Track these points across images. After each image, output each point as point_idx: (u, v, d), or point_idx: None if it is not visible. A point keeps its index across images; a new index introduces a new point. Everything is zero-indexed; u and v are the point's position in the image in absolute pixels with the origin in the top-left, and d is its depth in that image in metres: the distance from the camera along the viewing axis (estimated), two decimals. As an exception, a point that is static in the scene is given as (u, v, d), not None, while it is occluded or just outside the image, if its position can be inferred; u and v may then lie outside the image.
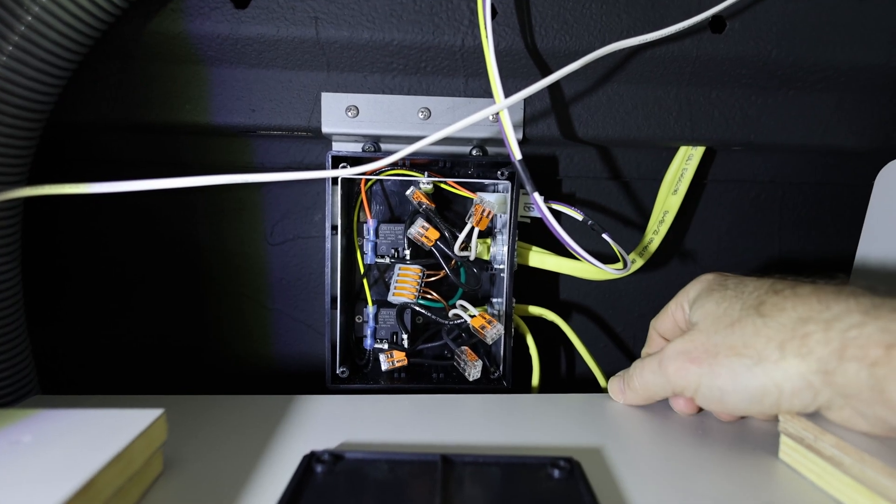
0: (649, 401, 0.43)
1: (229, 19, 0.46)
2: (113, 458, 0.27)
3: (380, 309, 0.53)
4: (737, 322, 0.36)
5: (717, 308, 0.38)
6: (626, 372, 0.45)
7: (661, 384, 0.40)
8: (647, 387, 0.41)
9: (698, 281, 0.43)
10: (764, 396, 0.34)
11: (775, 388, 0.34)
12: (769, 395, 0.34)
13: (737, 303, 0.37)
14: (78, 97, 0.48)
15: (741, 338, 0.35)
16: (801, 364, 0.32)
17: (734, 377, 0.35)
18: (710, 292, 0.40)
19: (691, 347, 0.38)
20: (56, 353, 0.56)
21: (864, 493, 0.30)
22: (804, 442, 0.35)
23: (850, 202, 0.63)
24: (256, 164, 0.55)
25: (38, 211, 0.51)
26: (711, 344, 0.37)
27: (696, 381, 0.37)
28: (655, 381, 0.40)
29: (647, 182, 0.59)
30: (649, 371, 0.41)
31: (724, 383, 0.36)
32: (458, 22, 0.47)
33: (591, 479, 0.32)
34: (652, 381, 0.41)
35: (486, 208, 0.49)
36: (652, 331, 0.47)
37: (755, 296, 0.37)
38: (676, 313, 0.44)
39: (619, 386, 0.45)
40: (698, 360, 0.37)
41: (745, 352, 0.35)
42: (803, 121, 0.54)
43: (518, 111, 0.51)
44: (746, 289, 0.38)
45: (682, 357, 0.38)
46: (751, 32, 0.50)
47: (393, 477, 0.32)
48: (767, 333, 0.34)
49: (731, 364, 0.35)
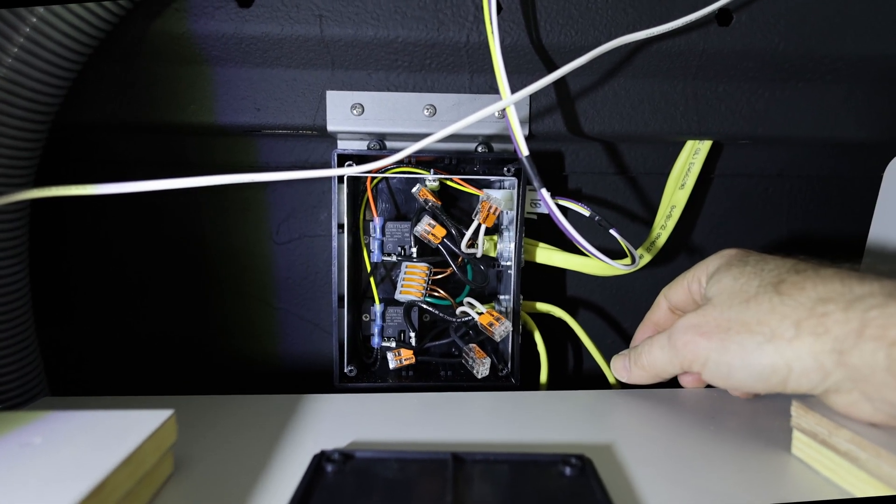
0: (656, 379, 0.43)
1: (233, 18, 0.46)
2: (124, 460, 0.27)
3: (387, 307, 0.53)
4: (753, 298, 0.35)
5: (735, 283, 0.37)
6: (632, 350, 0.44)
7: (668, 359, 0.39)
8: (654, 363, 0.41)
9: (719, 255, 0.42)
10: (772, 374, 0.33)
11: (785, 367, 0.33)
12: (777, 373, 0.33)
13: (755, 279, 0.36)
14: (83, 98, 0.48)
15: (756, 314, 0.34)
16: (815, 343, 0.32)
17: (743, 353, 0.34)
18: (730, 267, 0.39)
19: (703, 321, 0.37)
20: (64, 355, 0.56)
21: (881, 489, 0.30)
22: (818, 437, 0.34)
23: (858, 195, 0.62)
24: (261, 164, 0.55)
25: (45, 212, 0.51)
26: (724, 319, 0.36)
27: (704, 355, 0.36)
28: (663, 357, 0.40)
29: (654, 177, 0.59)
30: (658, 347, 0.40)
31: (732, 359, 0.35)
32: (463, 18, 0.47)
33: (602, 476, 0.32)
34: (660, 357, 0.40)
35: (492, 205, 0.48)
36: (661, 298, 0.47)
37: (775, 273, 0.36)
38: (692, 285, 0.43)
39: (624, 364, 0.44)
40: (708, 335, 0.36)
41: (757, 329, 0.34)
42: (811, 114, 0.54)
43: (524, 107, 0.51)
44: (767, 266, 0.37)
45: (692, 331, 0.37)
46: (758, 25, 0.49)
47: (403, 476, 0.32)
48: (783, 311, 0.33)
49: (742, 340, 0.34)
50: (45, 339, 0.47)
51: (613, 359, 0.46)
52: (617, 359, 0.45)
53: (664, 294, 0.47)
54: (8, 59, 0.38)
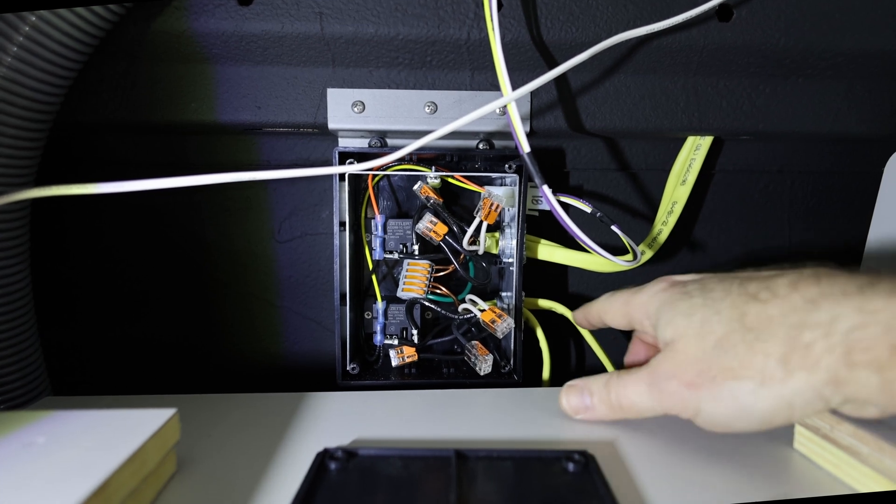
0: (625, 418, 0.39)
1: (233, 16, 0.46)
2: (127, 459, 0.27)
3: (389, 305, 0.53)
4: (724, 339, 0.33)
5: (690, 322, 0.34)
6: (589, 383, 0.40)
7: (651, 407, 0.36)
8: (634, 407, 0.37)
9: (650, 294, 0.39)
10: (775, 416, 0.32)
11: (786, 406, 0.31)
12: (780, 413, 0.31)
13: (712, 315, 0.34)
14: (84, 98, 0.48)
15: (735, 357, 0.32)
16: (810, 377, 0.30)
17: (739, 403, 0.32)
18: (674, 304, 0.36)
19: (681, 370, 0.34)
20: (66, 355, 0.56)
21: (883, 483, 0.30)
22: (820, 431, 0.34)
23: (859, 190, 0.62)
24: (263, 162, 0.55)
25: (46, 212, 0.51)
26: (704, 366, 0.33)
27: (695, 406, 0.34)
28: (644, 403, 0.36)
29: (656, 173, 0.59)
30: (635, 392, 0.37)
31: (727, 409, 0.32)
32: (464, 15, 0.47)
33: (605, 472, 0.32)
34: (639, 402, 0.37)
35: (494, 202, 0.48)
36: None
37: (728, 303, 0.34)
38: (645, 338, 0.43)
39: (582, 402, 0.40)
40: (694, 385, 0.33)
41: (743, 373, 0.32)
42: (812, 109, 0.54)
43: (525, 104, 0.51)
44: (714, 294, 0.35)
45: (674, 380, 0.34)
46: (758, 20, 0.49)
47: (407, 473, 0.32)
48: (763, 349, 0.31)
49: (732, 388, 0.32)
50: (48, 340, 0.47)
51: (566, 391, 0.41)
52: (571, 393, 0.40)
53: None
54: (8, 58, 0.38)
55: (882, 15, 0.50)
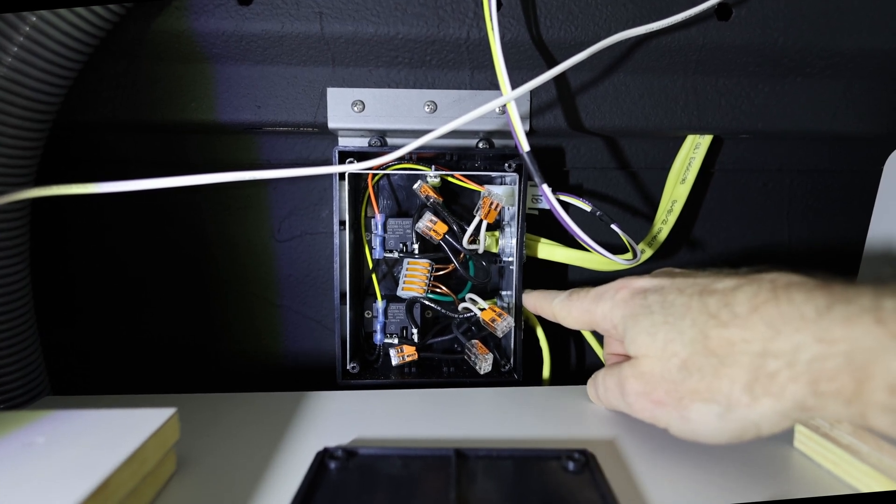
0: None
1: (233, 16, 0.46)
2: (127, 459, 0.27)
3: (389, 304, 0.53)
4: (688, 361, 0.33)
5: (653, 342, 0.35)
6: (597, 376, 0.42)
7: (628, 412, 0.38)
8: (612, 406, 0.40)
9: (613, 306, 0.39)
10: (742, 434, 0.32)
11: (754, 426, 0.31)
12: (748, 431, 0.32)
13: (674, 334, 0.34)
14: (84, 97, 0.48)
15: (700, 381, 0.32)
16: (776, 404, 0.30)
17: (706, 424, 0.32)
18: (636, 320, 0.36)
19: (648, 389, 0.35)
20: (66, 354, 0.56)
21: (882, 481, 0.30)
22: (820, 430, 0.34)
23: (858, 189, 0.62)
24: (263, 162, 0.55)
25: (46, 212, 0.51)
26: (671, 386, 0.33)
27: (664, 421, 0.35)
28: (623, 408, 0.38)
29: (655, 172, 0.59)
30: (613, 397, 0.38)
31: (696, 428, 0.33)
32: (463, 14, 0.47)
33: (605, 470, 0.32)
34: (617, 405, 0.38)
35: (493, 201, 0.48)
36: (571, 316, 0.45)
37: (689, 321, 0.33)
38: (613, 346, 0.44)
39: (595, 392, 0.42)
40: (661, 404, 0.34)
41: (710, 396, 0.32)
42: (811, 108, 0.54)
43: (525, 103, 0.51)
44: (674, 311, 0.34)
45: (643, 397, 0.35)
46: (757, 19, 0.49)
47: (407, 472, 0.32)
48: (728, 374, 0.31)
49: (700, 410, 0.32)
50: (48, 339, 0.47)
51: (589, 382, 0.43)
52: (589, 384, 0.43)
53: (555, 318, 0.45)
54: (8, 58, 0.38)
55: (880, 14, 0.50)
